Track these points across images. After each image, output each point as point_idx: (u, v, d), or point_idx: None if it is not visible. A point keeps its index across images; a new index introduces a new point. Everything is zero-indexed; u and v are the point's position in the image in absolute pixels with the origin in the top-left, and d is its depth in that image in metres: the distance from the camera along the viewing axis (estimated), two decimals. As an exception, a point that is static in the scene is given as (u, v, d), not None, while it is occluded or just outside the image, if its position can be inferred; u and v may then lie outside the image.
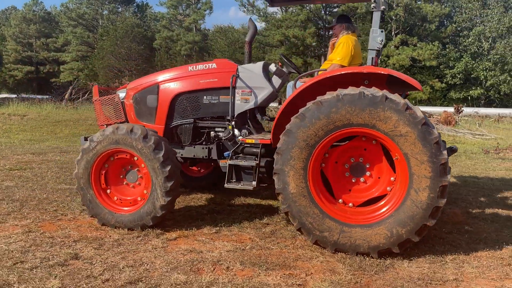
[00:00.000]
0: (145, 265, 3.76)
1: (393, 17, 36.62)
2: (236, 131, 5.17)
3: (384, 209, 4.10)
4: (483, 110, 25.62)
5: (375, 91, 4.00)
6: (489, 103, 37.24)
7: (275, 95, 5.25)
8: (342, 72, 4.35)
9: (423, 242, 4.29)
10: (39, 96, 29.79)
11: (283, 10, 39.54)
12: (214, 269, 3.73)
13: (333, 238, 4.09)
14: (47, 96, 28.49)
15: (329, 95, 4.11)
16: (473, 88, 37.07)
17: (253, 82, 5.12)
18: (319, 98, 4.13)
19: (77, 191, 4.84)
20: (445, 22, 39.19)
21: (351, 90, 4.05)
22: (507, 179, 8.19)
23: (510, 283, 3.61)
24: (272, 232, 4.78)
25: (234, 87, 5.14)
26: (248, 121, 5.27)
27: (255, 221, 5.13)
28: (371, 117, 3.93)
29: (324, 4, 35.64)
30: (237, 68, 5.16)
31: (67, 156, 9.56)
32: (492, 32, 36.07)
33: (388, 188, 4.24)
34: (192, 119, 5.34)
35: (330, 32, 5.80)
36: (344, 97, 4.00)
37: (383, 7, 4.53)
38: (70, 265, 3.71)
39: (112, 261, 3.82)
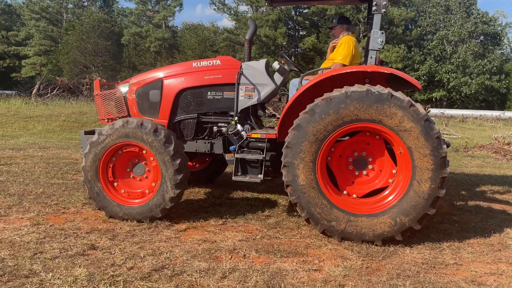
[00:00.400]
0: (165, 254, 3.87)
1: (361, 20, 37.61)
2: (239, 126, 5.32)
3: (388, 199, 4.37)
4: (448, 111, 26.75)
5: (380, 88, 4.27)
6: (450, 104, 38.80)
7: (276, 92, 5.45)
8: (348, 71, 4.60)
9: (419, 231, 4.59)
10: (7, 91, 28.76)
11: (253, 9, 39.83)
12: (231, 257, 3.89)
13: (340, 227, 4.33)
14: (13, 92, 27.54)
15: (337, 91, 4.35)
16: (436, 90, 38.54)
17: (256, 79, 5.28)
18: (327, 94, 4.36)
19: (84, 184, 4.87)
20: (410, 26, 40.49)
21: (358, 88, 4.30)
22: (481, 175, 8.74)
23: (504, 266, 3.96)
24: (277, 223, 4.97)
25: (238, 84, 5.30)
26: (250, 116, 5.43)
27: (257, 213, 5.30)
28: (377, 113, 4.19)
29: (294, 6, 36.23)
30: (241, 65, 5.32)
31: (49, 152, 9.42)
32: (455, 36, 37.59)
33: (390, 180, 4.52)
34: (196, 114, 5.46)
35: (330, 32, 6.04)
36: (352, 94, 4.24)
37: (383, 10, 4.80)
38: (91, 255, 3.78)
39: (131, 251, 3.91)
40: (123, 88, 5.62)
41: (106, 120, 5.65)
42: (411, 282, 3.49)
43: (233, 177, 4.96)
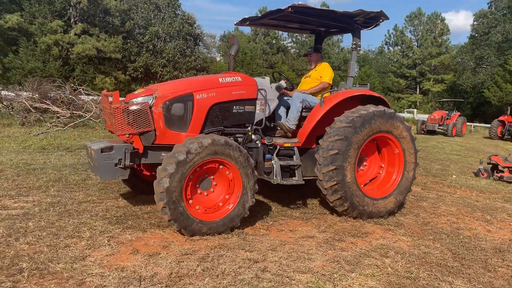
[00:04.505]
0: (300, 249, 4.59)
1: (73, 5, 36.16)
2: (254, 136, 6.02)
3: (392, 186, 6.25)
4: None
5: (385, 108, 6.07)
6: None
7: (276, 105, 6.37)
8: (356, 94, 6.17)
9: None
10: None
11: None
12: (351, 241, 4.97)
13: (369, 210, 5.95)
14: None
15: (363, 110, 5.88)
16: (152, 82, 41.21)
17: (268, 95, 6.07)
18: (357, 113, 5.82)
19: (166, 206, 4.62)
20: (125, 18, 41.46)
21: (377, 108, 5.97)
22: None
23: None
24: (320, 217, 6.04)
25: (255, 99, 5.97)
26: (260, 128, 6.16)
27: (295, 211, 6.21)
28: (390, 126, 6.00)
29: None
30: (256, 82, 5.98)
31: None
32: (165, 33, 41.05)
33: (380, 172, 6.42)
34: (222, 127, 5.76)
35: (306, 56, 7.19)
36: (376, 112, 5.88)
37: (359, 48, 6.56)
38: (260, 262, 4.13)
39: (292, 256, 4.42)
40: (148, 101, 5.28)
41: (127, 135, 5.18)
42: (445, 235, 5.60)
43: (281, 182, 5.70)
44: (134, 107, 5.19)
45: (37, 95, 15.95)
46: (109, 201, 6.05)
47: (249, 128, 6.00)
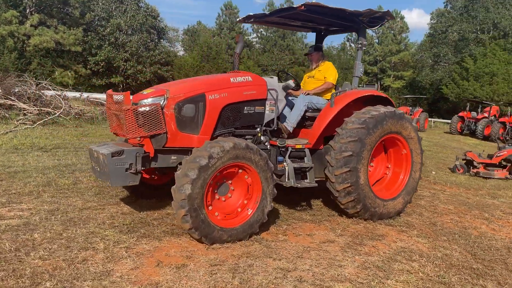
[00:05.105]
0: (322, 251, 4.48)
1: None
2: (263, 138, 5.84)
3: (400, 186, 6.23)
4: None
5: (395, 109, 6.05)
6: (126, 89, 41.03)
7: (284, 106, 6.20)
8: (365, 94, 6.09)
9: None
10: None
11: None
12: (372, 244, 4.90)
13: (379, 211, 5.91)
14: None
15: (374, 111, 5.81)
16: (114, 76, 39.99)
17: (275, 95, 5.89)
18: (369, 113, 5.75)
19: (187, 214, 4.37)
20: (85, 9, 39.87)
21: (385, 108, 5.92)
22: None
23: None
24: (330, 219, 5.94)
25: (265, 99, 5.78)
26: (269, 129, 5.97)
27: (303, 214, 6.07)
28: (400, 127, 5.97)
29: None
30: (266, 82, 5.79)
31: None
32: (128, 26, 39.83)
33: (386, 172, 6.40)
34: (233, 129, 5.53)
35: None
36: (387, 113, 5.84)
37: (364, 48, 6.49)
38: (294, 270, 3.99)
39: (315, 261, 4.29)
40: (159, 102, 4.97)
41: (138, 138, 4.87)
42: (456, 235, 5.64)
43: (296, 185, 5.54)
44: (145, 109, 4.87)
45: (0, 91, 14.98)
46: (111, 207, 5.70)
47: (258, 129, 5.82)
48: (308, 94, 6.34)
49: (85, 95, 20.67)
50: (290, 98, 6.39)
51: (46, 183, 6.70)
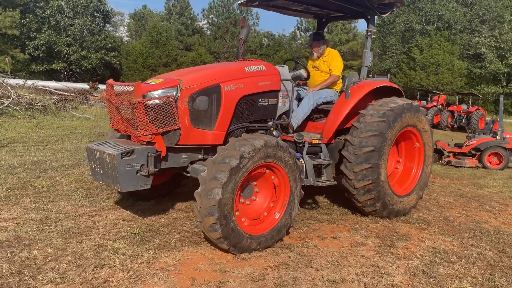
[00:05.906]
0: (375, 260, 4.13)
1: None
2: (275, 133, 5.37)
3: (413, 181, 5.98)
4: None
5: (411, 101, 5.76)
6: (69, 77, 38.73)
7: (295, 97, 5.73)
8: (379, 85, 5.75)
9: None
10: None
11: None
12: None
13: (396, 208, 5.63)
14: None
15: (392, 103, 5.49)
16: (56, 62, 37.57)
17: (288, 86, 5.43)
18: (387, 106, 5.42)
19: (217, 222, 3.82)
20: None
21: (402, 100, 5.62)
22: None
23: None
24: (345, 217, 5.60)
25: (279, 90, 5.29)
26: (280, 122, 5.50)
27: (317, 213, 5.69)
28: (416, 119, 5.69)
29: None
30: (279, 72, 5.30)
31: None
32: (70, 8, 37.44)
33: (397, 167, 6.13)
34: (247, 123, 5.01)
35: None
36: (405, 106, 5.53)
37: (374, 36, 6.14)
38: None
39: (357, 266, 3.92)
40: (172, 93, 4.34)
41: (149, 136, 4.22)
42: (476, 231, 5.49)
43: (317, 183, 5.10)
44: (157, 101, 4.22)
45: None
46: (108, 213, 5.01)
47: (270, 123, 5.33)
48: (314, 91, 5.90)
49: (29, 82, 19.00)
50: (297, 89, 5.94)
51: (21, 185, 5.85)
